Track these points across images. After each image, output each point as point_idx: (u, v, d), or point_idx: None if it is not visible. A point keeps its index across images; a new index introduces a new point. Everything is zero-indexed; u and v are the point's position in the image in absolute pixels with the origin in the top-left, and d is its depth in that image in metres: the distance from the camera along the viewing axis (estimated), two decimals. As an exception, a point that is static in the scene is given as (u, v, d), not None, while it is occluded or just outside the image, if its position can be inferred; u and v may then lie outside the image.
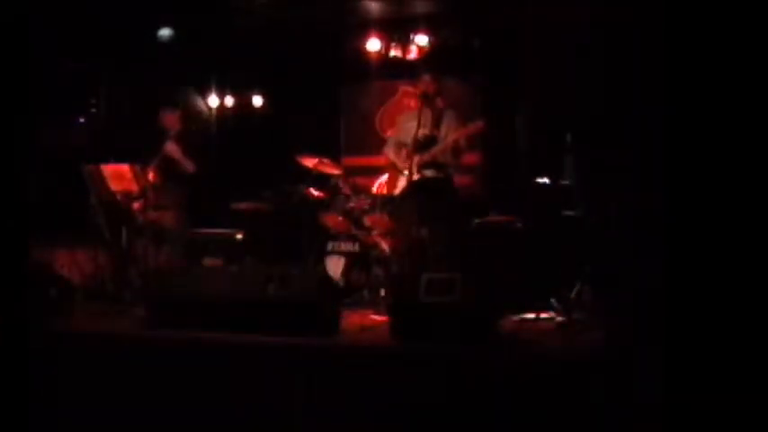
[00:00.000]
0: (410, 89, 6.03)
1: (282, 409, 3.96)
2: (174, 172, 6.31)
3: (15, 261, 3.94)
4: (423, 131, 5.77)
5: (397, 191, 5.97)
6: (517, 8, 6.50)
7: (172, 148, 6.28)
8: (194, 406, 4.08)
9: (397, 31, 7.45)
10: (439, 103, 5.96)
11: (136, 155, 6.15)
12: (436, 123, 5.85)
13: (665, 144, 3.31)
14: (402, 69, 7.66)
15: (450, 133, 5.77)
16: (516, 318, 5.11)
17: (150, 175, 6.20)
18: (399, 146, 5.97)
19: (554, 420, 3.65)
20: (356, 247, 6.54)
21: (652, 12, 3.36)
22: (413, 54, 7.45)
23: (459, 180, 6.40)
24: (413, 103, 5.98)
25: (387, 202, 6.31)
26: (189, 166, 6.32)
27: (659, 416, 3.25)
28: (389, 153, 6.09)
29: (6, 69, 4.06)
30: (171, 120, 6.50)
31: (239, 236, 7.06)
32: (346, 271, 6.46)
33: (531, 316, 5.16)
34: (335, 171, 6.92)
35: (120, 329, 4.86)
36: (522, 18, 6.70)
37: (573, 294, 5.41)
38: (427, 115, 5.86)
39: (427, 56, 7.35)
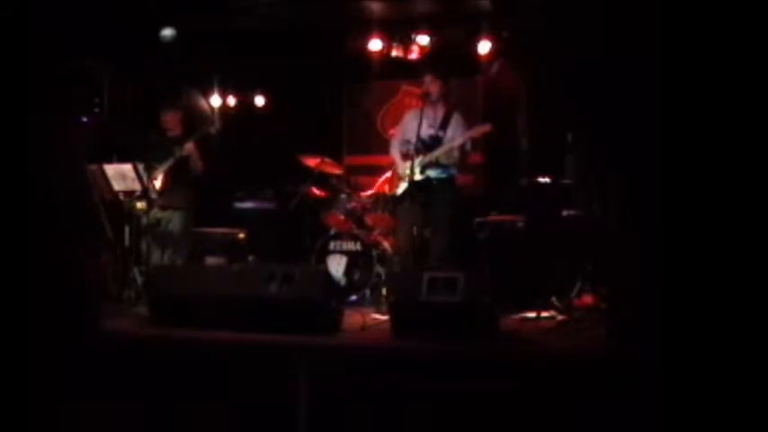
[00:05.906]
0: (412, 89, 6.02)
1: (284, 408, 3.97)
2: (184, 172, 6.31)
3: (15, 260, 3.94)
4: (428, 132, 5.79)
5: (399, 190, 5.98)
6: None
7: (191, 147, 6.22)
8: (196, 405, 4.09)
9: (399, 30, 7.44)
10: (445, 104, 5.97)
11: (138, 154, 6.15)
12: (442, 125, 5.86)
13: (663, 143, 3.32)
14: (404, 69, 7.66)
15: (456, 136, 5.78)
16: (517, 317, 5.13)
17: (160, 180, 6.19)
18: (403, 144, 5.98)
19: (554, 419, 3.66)
20: (358, 246, 6.55)
21: (650, 12, 3.38)
22: (414, 54, 7.45)
23: (461, 179, 6.42)
24: (414, 102, 5.99)
25: (388, 201, 6.33)
26: (200, 165, 6.30)
27: (659, 416, 3.27)
28: (395, 153, 6.11)
29: (7, 69, 4.06)
30: (172, 120, 6.50)
31: (242, 235, 7.07)
32: (348, 270, 6.47)
33: (532, 315, 5.17)
34: (337, 170, 6.95)
35: (123, 328, 4.87)
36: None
37: (573, 294, 5.43)
38: (432, 115, 5.87)
39: (428, 56, 7.36)
